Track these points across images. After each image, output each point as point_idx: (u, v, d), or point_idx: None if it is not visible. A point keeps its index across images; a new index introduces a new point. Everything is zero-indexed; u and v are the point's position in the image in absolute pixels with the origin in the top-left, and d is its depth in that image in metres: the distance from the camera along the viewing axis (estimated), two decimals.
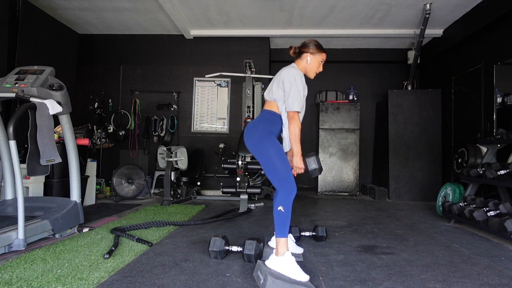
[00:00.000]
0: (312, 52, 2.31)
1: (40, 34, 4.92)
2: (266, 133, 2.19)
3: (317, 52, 2.31)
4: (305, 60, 2.32)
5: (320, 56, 2.34)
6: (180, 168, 5.04)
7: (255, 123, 2.28)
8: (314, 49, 2.31)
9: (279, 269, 1.97)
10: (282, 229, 2.04)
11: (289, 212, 2.06)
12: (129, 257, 2.42)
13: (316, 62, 2.33)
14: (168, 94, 6.19)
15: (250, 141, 2.23)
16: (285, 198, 2.06)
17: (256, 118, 2.36)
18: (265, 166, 2.17)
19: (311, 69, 2.34)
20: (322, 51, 2.34)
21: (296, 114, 2.16)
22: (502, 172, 3.27)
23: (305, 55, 2.31)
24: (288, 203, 2.06)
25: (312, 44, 2.32)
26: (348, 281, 2.05)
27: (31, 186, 3.73)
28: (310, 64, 2.32)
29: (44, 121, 2.72)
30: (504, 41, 4.31)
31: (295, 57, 2.38)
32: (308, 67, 2.33)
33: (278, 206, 2.05)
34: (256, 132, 2.21)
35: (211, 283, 1.98)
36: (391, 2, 4.79)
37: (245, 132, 2.29)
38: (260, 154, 2.18)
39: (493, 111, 4.44)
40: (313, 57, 2.31)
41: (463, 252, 2.70)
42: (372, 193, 5.86)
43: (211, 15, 5.38)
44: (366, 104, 6.63)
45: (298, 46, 2.38)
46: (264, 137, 2.17)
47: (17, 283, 1.92)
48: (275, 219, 2.07)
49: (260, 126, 2.23)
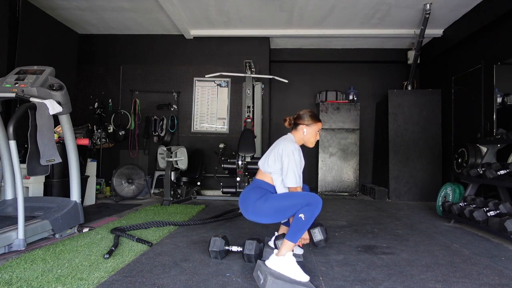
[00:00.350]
0: (308, 124, 2.32)
1: (40, 34, 4.92)
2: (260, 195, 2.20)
3: (312, 123, 2.32)
4: (301, 132, 2.33)
5: (316, 126, 2.34)
6: (180, 168, 5.04)
7: (247, 190, 2.29)
8: (309, 121, 2.32)
9: (279, 269, 1.97)
10: (295, 234, 2.03)
11: (309, 223, 2.03)
12: (129, 257, 2.42)
13: (313, 132, 2.34)
14: (168, 94, 6.19)
15: (247, 210, 2.22)
16: (311, 210, 2.02)
17: (248, 186, 2.37)
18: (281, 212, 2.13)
19: (309, 139, 2.35)
20: (318, 121, 2.35)
21: (296, 188, 2.18)
22: (502, 172, 3.28)
23: (301, 127, 2.33)
24: (312, 216, 2.02)
25: (307, 115, 2.33)
26: (348, 281, 2.05)
27: (31, 186, 3.72)
28: (307, 135, 2.33)
29: (44, 121, 2.72)
30: (504, 41, 4.31)
31: (291, 128, 2.39)
32: (305, 138, 2.34)
33: (301, 213, 2.02)
34: (250, 199, 2.20)
35: (211, 283, 1.98)
36: (391, 2, 4.79)
37: (240, 201, 2.29)
38: (266, 215, 2.16)
39: (493, 111, 4.44)
40: (309, 128, 2.32)
41: (463, 252, 2.70)
42: (372, 193, 5.86)
43: (211, 15, 5.38)
44: (366, 104, 6.63)
45: (293, 117, 2.38)
46: (259, 197, 2.18)
47: (17, 283, 1.92)
48: (293, 222, 2.04)
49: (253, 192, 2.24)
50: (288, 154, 2.18)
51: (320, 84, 6.65)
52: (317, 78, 6.76)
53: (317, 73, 6.78)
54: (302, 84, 6.73)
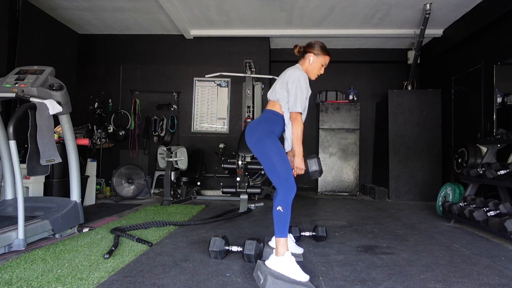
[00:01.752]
0: (316, 53, 2.31)
1: (40, 34, 4.92)
2: (267, 132, 2.19)
3: (321, 53, 2.31)
4: (307, 60, 2.32)
5: (324, 58, 2.33)
6: (180, 168, 5.04)
7: (257, 122, 2.29)
8: (318, 50, 2.31)
9: (279, 269, 1.97)
10: (281, 229, 2.04)
11: (288, 212, 2.06)
12: (129, 257, 2.41)
13: (319, 63, 2.33)
14: (168, 94, 6.19)
15: (251, 140, 2.23)
16: (284, 198, 2.06)
17: (258, 117, 2.37)
18: (265, 165, 2.17)
19: (312, 69, 2.34)
20: (326, 54, 2.34)
21: (299, 115, 2.17)
22: (502, 172, 3.27)
23: (309, 55, 2.32)
24: (287, 203, 2.06)
25: (317, 45, 2.32)
26: (348, 281, 2.05)
27: (31, 186, 3.72)
28: (312, 64, 2.32)
29: (44, 121, 2.72)
30: (504, 41, 4.31)
31: (299, 57, 2.38)
32: (310, 67, 2.33)
33: (278, 206, 2.05)
34: (257, 131, 2.21)
35: (211, 283, 1.98)
36: (391, 2, 4.79)
37: (247, 131, 2.29)
38: (260, 153, 2.19)
39: (493, 111, 4.44)
40: (316, 58, 2.32)
41: (463, 252, 2.70)
42: (372, 193, 5.86)
43: (211, 15, 5.38)
44: (366, 104, 6.63)
45: (303, 45, 2.37)
46: (265, 136, 2.18)
47: (17, 283, 1.92)
48: (275, 219, 2.07)
49: (261, 125, 2.23)
50: (294, 80, 2.17)
51: (320, 84, 6.64)
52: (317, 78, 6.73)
53: None
54: None
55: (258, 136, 2.19)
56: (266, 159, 2.15)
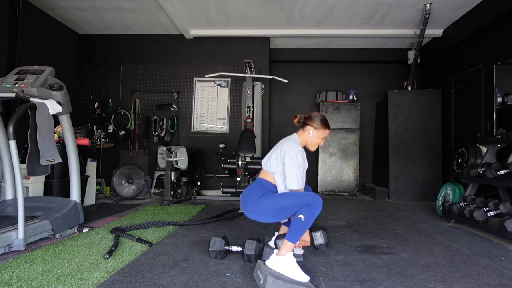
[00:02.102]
0: (316, 127, 2.30)
1: (40, 34, 4.92)
2: (260, 195, 2.19)
3: (321, 127, 2.31)
4: (307, 133, 2.31)
5: (324, 132, 2.33)
6: (180, 168, 5.04)
7: (249, 191, 2.29)
8: (318, 124, 2.30)
9: (279, 269, 1.97)
10: (295, 235, 2.02)
11: (308, 224, 2.03)
12: (129, 257, 2.42)
13: (318, 136, 2.32)
14: (168, 94, 6.19)
15: (248, 209, 2.22)
16: (311, 211, 2.01)
17: (250, 185, 2.36)
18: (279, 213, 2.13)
19: (312, 142, 2.33)
20: (326, 128, 2.33)
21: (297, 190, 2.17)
22: (502, 172, 3.27)
23: (309, 128, 2.31)
24: (311, 217, 2.01)
25: (318, 118, 2.31)
26: (348, 281, 2.05)
27: (31, 186, 3.72)
28: (312, 138, 2.32)
29: (44, 121, 2.72)
30: (504, 41, 4.30)
31: (298, 127, 2.37)
32: (309, 140, 2.32)
33: (300, 214, 2.01)
34: (251, 199, 2.20)
35: (211, 283, 1.98)
36: (391, 2, 4.79)
37: (242, 203, 2.29)
38: (267, 211, 2.15)
39: (493, 111, 4.44)
40: (315, 132, 2.30)
41: (463, 252, 2.70)
42: (372, 193, 5.86)
43: (211, 15, 5.38)
44: (366, 104, 6.63)
45: (304, 116, 2.36)
46: (259, 198, 2.17)
47: (17, 283, 1.92)
48: (293, 223, 2.04)
49: (254, 192, 2.23)
50: (291, 155, 2.15)
51: (320, 84, 6.65)
52: (317, 78, 6.75)
53: (317, 73, 6.77)
54: (302, 84, 6.73)
55: (253, 202, 2.18)
56: (275, 209, 2.12)
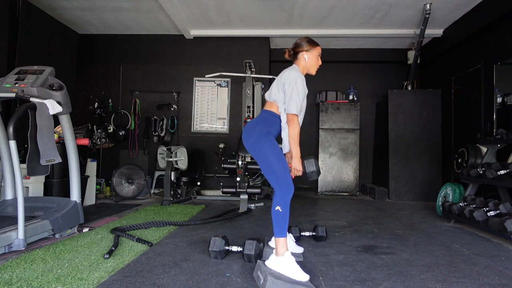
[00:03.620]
0: (307, 49, 2.33)
1: (40, 34, 4.92)
2: (264, 133, 2.19)
3: (311, 47, 2.33)
4: (302, 59, 2.34)
5: (316, 51, 2.35)
6: (180, 168, 5.04)
7: (254, 123, 2.30)
8: (308, 46, 2.33)
9: (279, 269, 1.97)
10: (280, 229, 2.04)
11: (287, 212, 2.06)
12: (129, 257, 2.42)
13: (314, 57, 2.35)
14: (168, 94, 6.19)
15: (248, 140, 2.24)
16: (283, 198, 2.06)
17: (256, 118, 2.37)
18: (263, 166, 2.18)
19: (311, 65, 2.36)
20: (316, 45, 2.36)
21: (295, 117, 2.17)
22: (502, 172, 3.27)
23: (301, 54, 2.33)
24: (286, 203, 2.06)
25: (304, 42, 2.34)
26: (348, 281, 2.05)
27: (31, 186, 3.72)
28: (309, 61, 2.34)
29: (44, 121, 2.72)
30: (504, 41, 4.31)
31: (292, 59, 2.39)
32: (307, 64, 2.35)
33: (276, 206, 2.05)
34: (254, 132, 2.22)
35: (211, 283, 1.98)
36: (391, 2, 4.79)
37: (244, 132, 2.30)
38: (258, 154, 2.19)
39: (493, 111, 4.44)
40: (309, 54, 2.33)
41: (463, 252, 2.70)
42: (372, 193, 5.86)
43: (211, 15, 5.38)
44: (366, 104, 6.63)
45: (291, 48, 2.39)
46: (262, 137, 2.18)
47: (17, 283, 1.92)
48: (273, 219, 2.07)
49: (259, 126, 2.24)
50: (291, 81, 2.18)
51: (320, 84, 6.64)
52: (317, 78, 6.68)
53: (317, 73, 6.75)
54: None
55: (255, 137, 2.20)
56: (263, 160, 2.16)
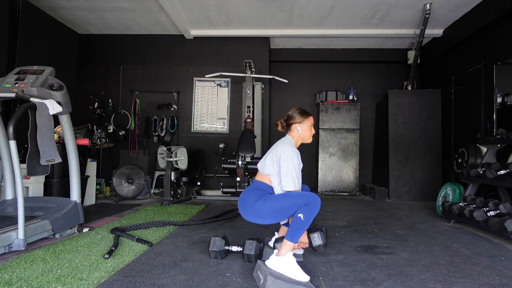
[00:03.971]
0: (299, 121, 2.33)
1: (40, 34, 4.92)
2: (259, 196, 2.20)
3: (303, 118, 2.34)
4: (295, 131, 2.34)
5: (309, 121, 2.36)
6: (180, 168, 5.04)
7: (245, 193, 2.29)
8: (300, 118, 2.33)
9: (279, 269, 1.97)
10: (294, 234, 2.02)
11: (308, 223, 2.03)
12: (129, 257, 2.42)
13: (307, 128, 2.36)
14: (168, 94, 6.19)
15: (247, 211, 2.21)
16: (310, 209, 2.02)
17: (247, 188, 2.36)
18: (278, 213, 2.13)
19: (305, 136, 2.37)
20: (308, 115, 2.37)
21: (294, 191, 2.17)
22: (502, 172, 3.27)
23: (294, 126, 2.34)
24: (311, 216, 2.02)
25: (296, 113, 2.35)
26: (348, 281, 2.05)
27: (31, 186, 3.72)
28: (302, 132, 2.35)
29: (44, 121, 2.72)
30: (504, 41, 4.30)
31: (286, 130, 2.40)
32: (301, 135, 2.36)
33: (300, 213, 2.02)
34: (249, 201, 2.20)
35: (211, 283, 1.98)
36: (391, 2, 4.79)
37: (239, 205, 2.29)
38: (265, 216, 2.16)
39: (493, 111, 4.44)
40: (302, 125, 2.34)
41: (463, 252, 2.70)
42: (372, 193, 5.86)
43: (211, 15, 5.38)
44: (366, 104, 6.63)
45: (283, 119, 2.40)
46: (258, 198, 2.18)
47: (17, 283, 1.92)
48: (292, 222, 2.04)
49: (251, 193, 2.24)
50: (286, 157, 2.17)
51: (320, 84, 6.65)
52: (317, 78, 6.75)
53: (317, 73, 6.77)
54: (302, 84, 6.73)
55: (251, 204, 2.18)
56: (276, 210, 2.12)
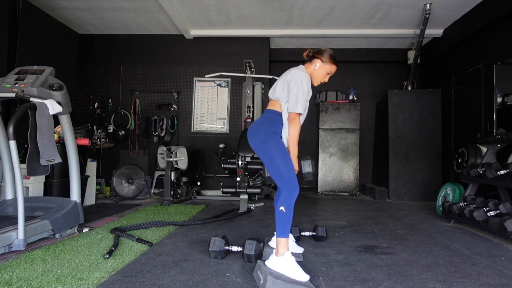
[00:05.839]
0: (324, 60, 2.31)
1: (40, 34, 4.92)
2: (270, 133, 2.19)
3: (328, 61, 2.31)
4: (314, 65, 2.32)
5: (330, 67, 2.33)
6: (180, 168, 5.04)
7: (259, 123, 2.29)
8: (326, 58, 2.31)
9: (279, 269, 1.97)
10: (283, 229, 2.04)
11: (291, 213, 2.06)
12: (129, 257, 2.41)
13: (324, 71, 2.33)
14: (168, 94, 6.19)
15: (254, 141, 2.22)
16: (287, 198, 2.06)
17: (260, 117, 2.36)
18: (269, 166, 2.16)
19: (317, 76, 2.34)
20: (334, 63, 2.33)
21: (298, 116, 2.16)
22: (502, 172, 3.27)
23: (316, 60, 2.31)
24: (290, 204, 2.06)
25: (327, 53, 2.32)
26: (348, 281, 2.05)
27: (31, 186, 3.72)
28: (318, 70, 2.32)
29: (44, 121, 2.72)
30: (504, 41, 4.31)
31: (307, 60, 2.37)
32: (314, 73, 2.33)
33: (280, 206, 2.05)
34: (260, 132, 2.21)
35: (211, 283, 1.98)
36: (391, 2, 4.79)
37: (249, 132, 2.29)
38: (264, 154, 2.18)
39: (493, 111, 4.44)
40: (322, 65, 2.31)
41: (463, 252, 2.70)
42: (372, 193, 5.86)
43: (211, 15, 5.38)
44: (366, 104, 6.63)
45: (312, 49, 2.37)
46: (268, 136, 2.17)
47: (17, 283, 1.92)
48: (277, 219, 2.06)
49: (264, 126, 2.23)
50: (297, 80, 2.16)
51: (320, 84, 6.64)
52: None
53: None
54: None
55: (262, 137, 2.18)
56: (269, 160, 2.15)
